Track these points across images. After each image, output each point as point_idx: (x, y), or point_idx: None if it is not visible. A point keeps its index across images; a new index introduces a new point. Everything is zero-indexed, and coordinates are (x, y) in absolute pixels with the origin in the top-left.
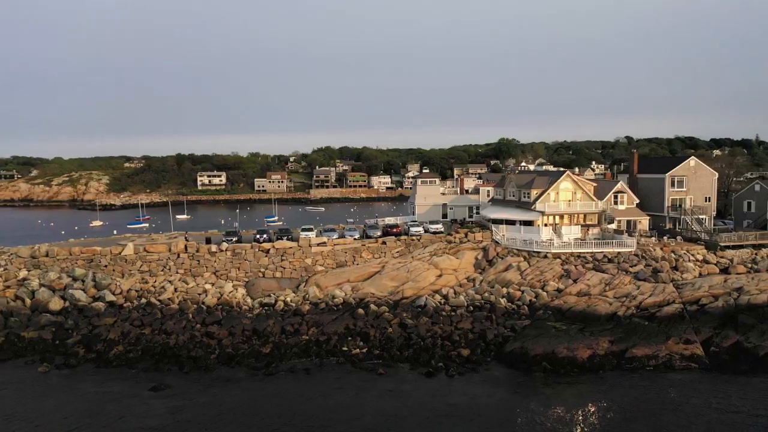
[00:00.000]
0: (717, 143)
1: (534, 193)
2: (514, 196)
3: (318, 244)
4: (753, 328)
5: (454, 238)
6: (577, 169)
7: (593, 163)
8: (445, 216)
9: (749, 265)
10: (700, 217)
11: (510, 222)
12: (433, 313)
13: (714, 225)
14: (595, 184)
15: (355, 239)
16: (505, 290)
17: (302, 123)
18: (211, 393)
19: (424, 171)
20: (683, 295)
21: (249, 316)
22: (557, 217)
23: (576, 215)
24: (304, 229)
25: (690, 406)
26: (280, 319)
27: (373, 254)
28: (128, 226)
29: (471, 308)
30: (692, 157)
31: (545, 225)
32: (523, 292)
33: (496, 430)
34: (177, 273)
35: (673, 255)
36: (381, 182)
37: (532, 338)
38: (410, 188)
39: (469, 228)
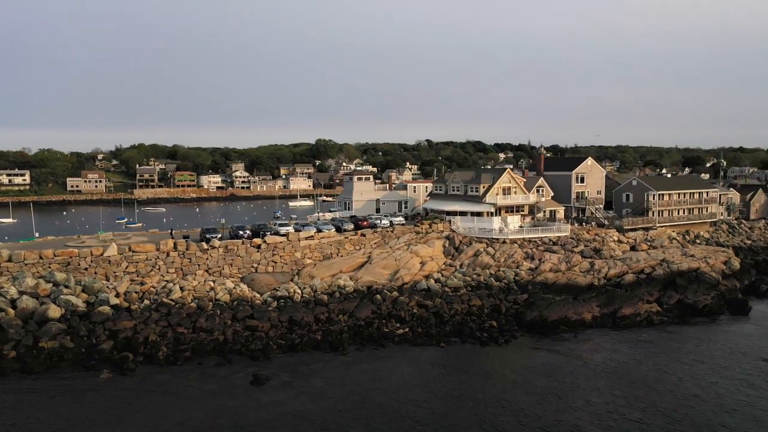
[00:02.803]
0: (500, 147)
1: (483, 187)
2: (458, 190)
3: (306, 238)
4: (687, 288)
5: (422, 228)
6: (398, 169)
7: (407, 164)
8: (378, 210)
9: (648, 243)
10: (598, 206)
11: (462, 213)
12: (442, 294)
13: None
14: (524, 180)
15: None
16: (487, 272)
17: (90, 117)
18: (317, 377)
19: (255, 169)
20: (631, 267)
21: (270, 309)
22: (502, 209)
23: (516, 206)
24: (281, 225)
25: (672, 345)
26: (306, 310)
27: (354, 246)
28: None
29: (469, 288)
30: (589, 157)
31: (495, 215)
32: (504, 272)
33: (570, 378)
34: (168, 272)
35: (597, 237)
36: (211, 181)
37: (544, 308)
38: (242, 188)
39: (431, 219)
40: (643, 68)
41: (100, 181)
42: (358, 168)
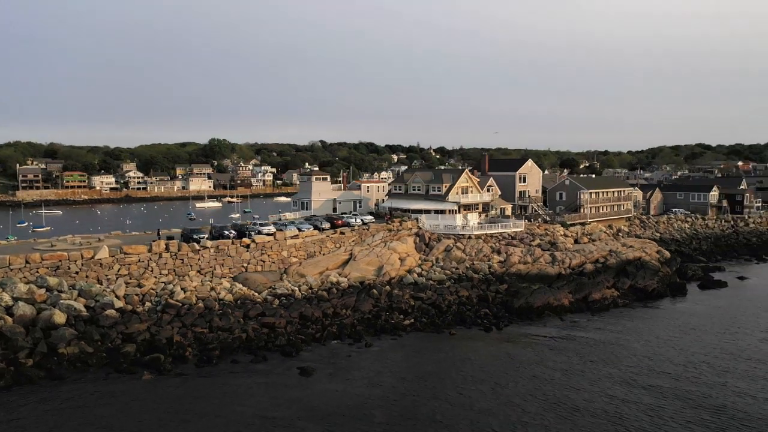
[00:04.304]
0: (392, 149)
1: (445, 187)
2: (419, 189)
3: (291, 237)
4: (636, 275)
5: (393, 226)
6: (298, 170)
7: (306, 164)
8: (335, 210)
9: (588, 237)
10: (539, 204)
11: (427, 212)
12: (429, 287)
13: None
14: (478, 180)
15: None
16: (464, 265)
17: None
18: (358, 365)
19: (152, 170)
20: (588, 258)
21: (275, 306)
22: (462, 206)
23: (475, 204)
24: (262, 224)
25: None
26: (311, 306)
27: (335, 244)
28: None
29: (452, 281)
30: (529, 159)
31: (458, 213)
32: (479, 265)
33: (577, 354)
34: (162, 273)
35: (548, 232)
36: (104, 182)
37: (529, 295)
38: (138, 189)
39: (400, 218)
40: (519, 76)
41: None
42: (256, 168)
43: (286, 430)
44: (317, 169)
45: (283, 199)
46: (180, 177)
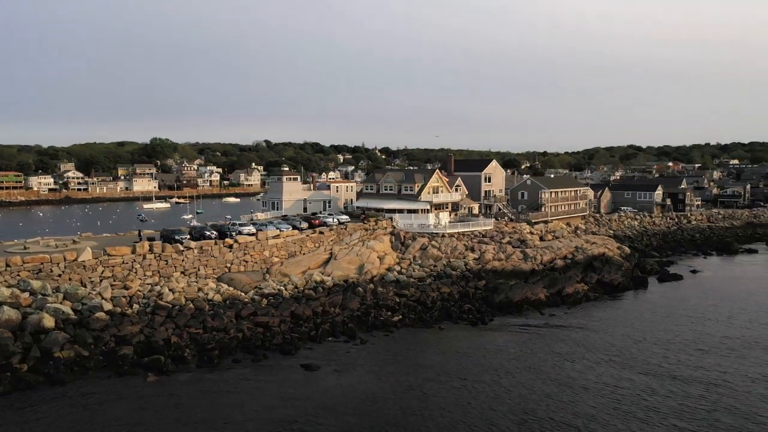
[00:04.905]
0: (337, 149)
1: (417, 187)
2: (391, 189)
3: (273, 237)
4: (602, 270)
5: (369, 225)
6: (246, 170)
7: (253, 164)
8: (305, 210)
9: (552, 234)
10: (504, 203)
11: (400, 211)
12: (412, 284)
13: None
14: (448, 179)
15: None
16: (441, 263)
17: None
18: (361, 361)
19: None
20: (557, 254)
21: (264, 306)
22: (433, 206)
23: (445, 204)
24: (241, 224)
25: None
26: (301, 305)
27: (314, 243)
28: None
29: (432, 278)
30: (494, 159)
31: (430, 212)
32: (455, 263)
33: (558, 342)
34: (146, 275)
35: (516, 230)
36: (42, 183)
37: (508, 291)
38: (79, 189)
39: (375, 217)
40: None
41: None
42: (201, 168)
43: (307, 424)
44: (262, 169)
45: (232, 199)
46: (123, 177)
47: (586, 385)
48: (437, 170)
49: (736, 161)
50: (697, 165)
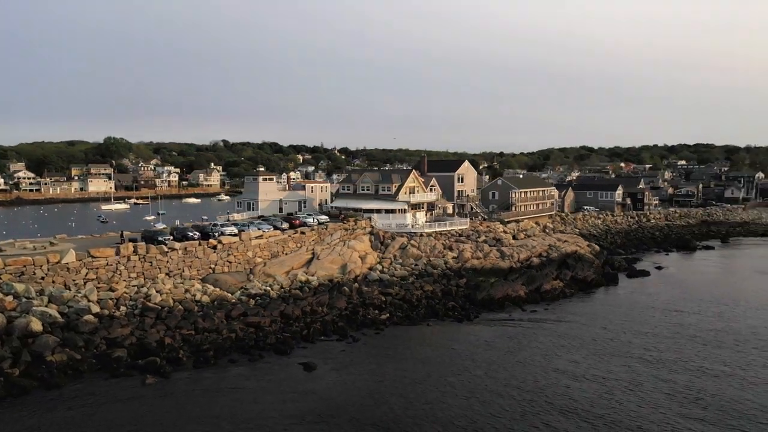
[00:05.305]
0: (296, 149)
1: (394, 187)
2: (368, 189)
3: (256, 238)
4: (575, 266)
5: (349, 225)
6: (206, 170)
7: (212, 164)
8: (281, 210)
9: (524, 233)
10: (476, 203)
11: (378, 211)
12: (396, 282)
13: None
14: (423, 180)
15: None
16: (422, 262)
17: None
18: (355, 360)
19: (46, 170)
20: (533, 252)
21: (253, 306)
22: (411, 206)
23: (422, 204)
24: (223, 225)
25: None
26: (289, 305)
27: (296, 243)
28: None
29: (414, 276)
30: (466, 160)
31: (407, 212)
32: (435, 261)
33: (543, 336)
34: (130, 277)
35: (491, 229)
36: None
37: (490, 288)
38: (30, 190)
39: (354, 217)
40: (408, 80)
41: None
42: (159, 168)
43: (313, 422)
44: (221, 169)
45: (192, 200)
46: (77, 178)
47: (577, 376)
48: (413, 171)
49: (683, 162)
50: (647, 166)
